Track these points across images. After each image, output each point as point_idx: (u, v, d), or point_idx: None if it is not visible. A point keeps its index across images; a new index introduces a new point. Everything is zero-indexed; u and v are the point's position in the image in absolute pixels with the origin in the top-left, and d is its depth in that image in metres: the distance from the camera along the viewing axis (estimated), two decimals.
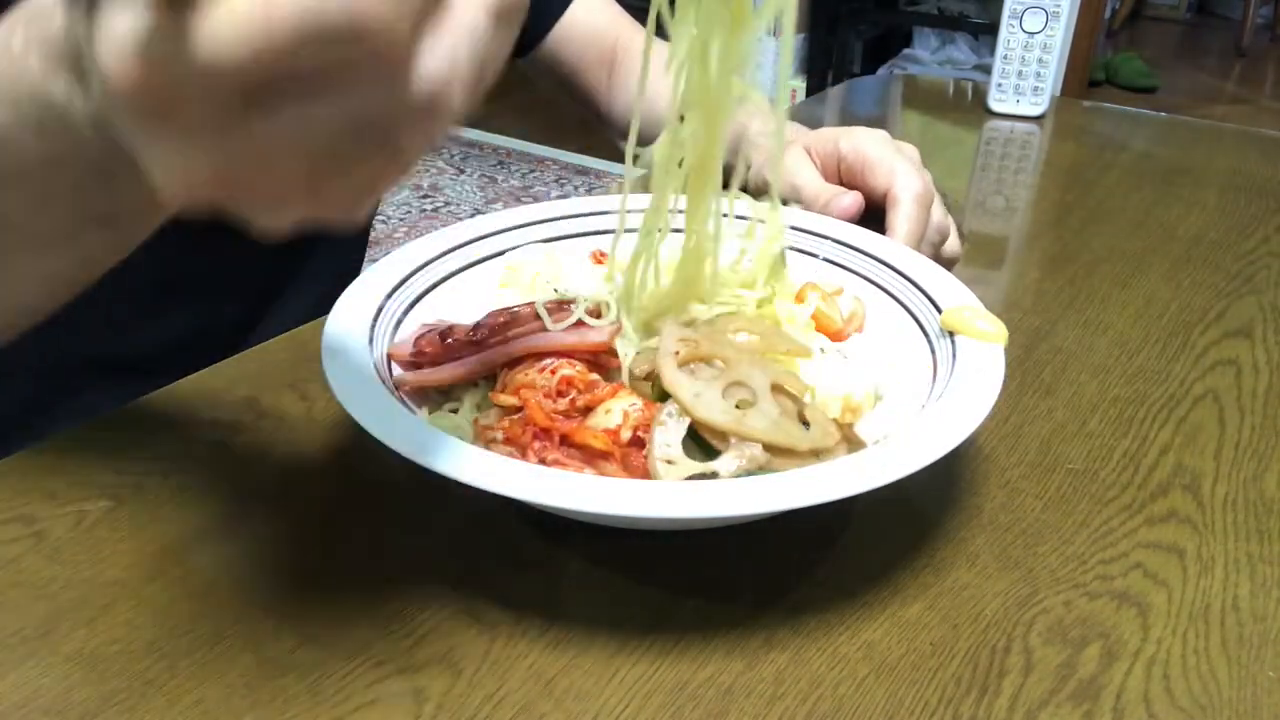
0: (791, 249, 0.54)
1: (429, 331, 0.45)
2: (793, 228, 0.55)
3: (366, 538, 0.40)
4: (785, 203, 0.61)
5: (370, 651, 0.35)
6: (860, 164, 0.59)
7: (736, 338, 0.43)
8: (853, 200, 0.57)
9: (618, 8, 0.84)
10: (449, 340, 0.44)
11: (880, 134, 0.60)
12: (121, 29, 0.22)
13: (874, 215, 0.57)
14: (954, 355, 0.42)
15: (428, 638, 0.36)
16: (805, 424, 0.40)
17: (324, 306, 0.45)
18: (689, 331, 0.42)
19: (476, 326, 0.44)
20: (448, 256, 0.50)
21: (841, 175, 0.60)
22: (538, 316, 0.44)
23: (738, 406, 0.39)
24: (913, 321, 0.47)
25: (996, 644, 0.36)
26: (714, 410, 0.38)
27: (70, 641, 0.35)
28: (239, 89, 0.23)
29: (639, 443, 0.39)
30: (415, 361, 0.44)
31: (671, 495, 0.33)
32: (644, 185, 0.47)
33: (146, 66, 0.22)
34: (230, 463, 0.44)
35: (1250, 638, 0.37)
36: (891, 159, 0.57)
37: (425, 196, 2.62)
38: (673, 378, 0.39)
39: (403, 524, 0.41)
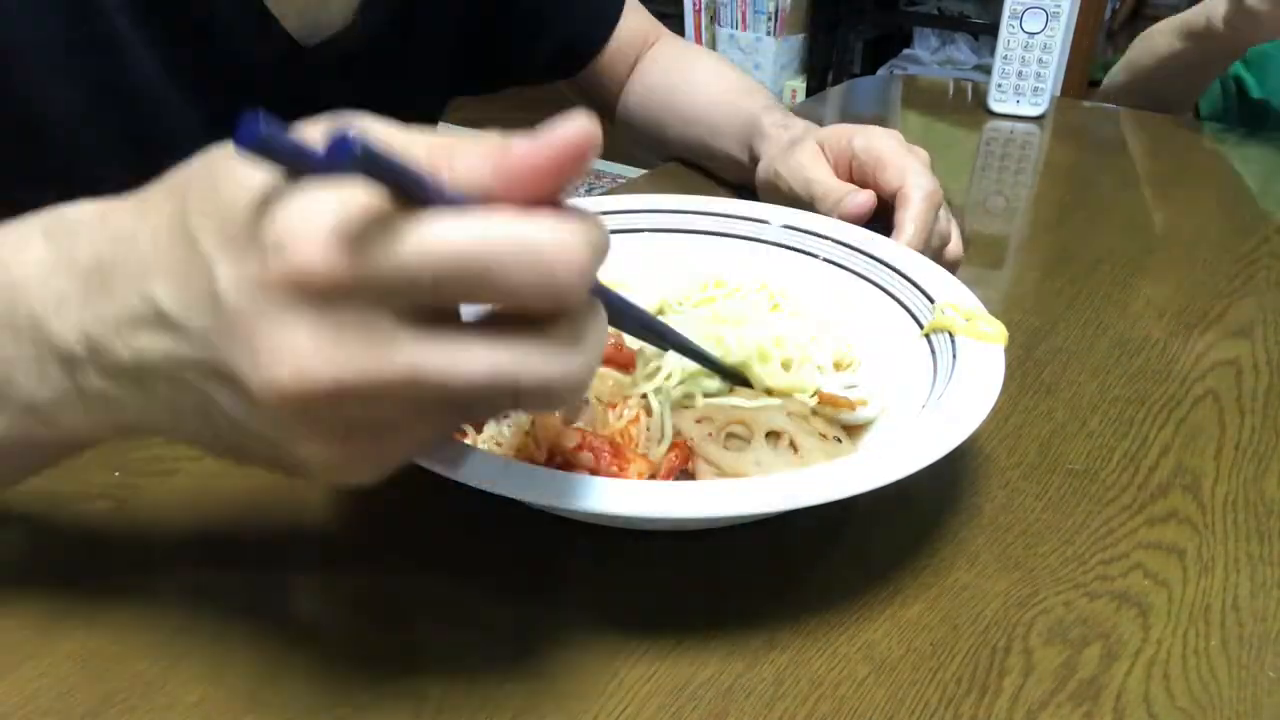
0: (792, 249, 0.55)
1: None
2: (793, 228, 0.55)
3: (366, 538, 0.40)
4: (797, 198, 0.61)
5: (370, 651, 0.35)
6: (873, 163, 0.58)
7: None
8: (867, 198, 0.57)
9: (642, 9, 0.84)
10: None
11: (894, 134, 0.60)
12: (325, 203, 0.22)
13: (880, 215, 0.57)
14: (954, 355, 0.42)
15: (429, 638, 0.36)
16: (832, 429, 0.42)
17: None
18: (697, 412, 0.43)
19: None
20: None
21: (853, 173, 0.60)
22: None
23: (791, 447, 0.41)
24: (913, 321, 0.47)
25: (997, 644, 0.36)
26: (779, 467, 0.40)
27: (70, 641, 0.35)
28: (407, 301, 0.23)
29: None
30: None
31: (672, 495, 0.33)
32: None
33: (339, 242, 0.22)
34: (230, 463, 0.44)
35: (1250, 638, 0.37)
36: (905, 159, 0.57)
37: None
38: (725, 461, 0.40)
39: (402, 524, 0.41)
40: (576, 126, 0.23)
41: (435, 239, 0.23)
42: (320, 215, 0.22)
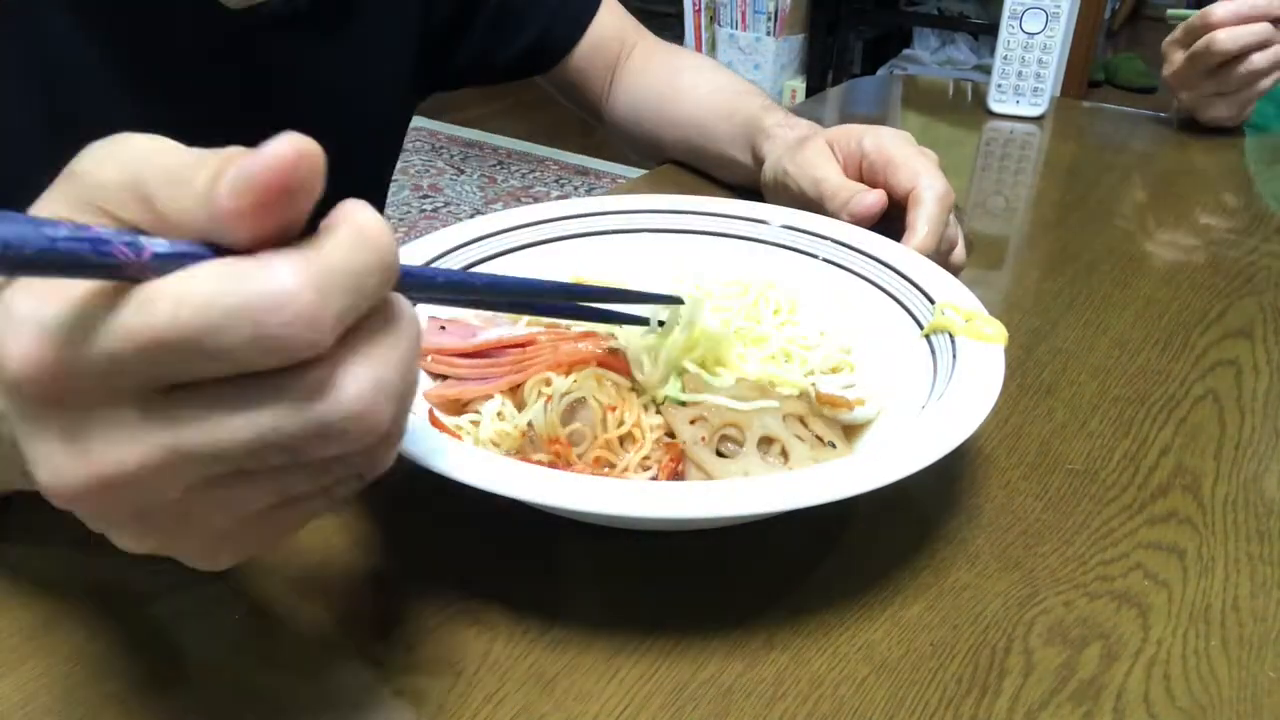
0: (792, 249, 0.55)
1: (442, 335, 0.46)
2: (792, 228, 0.55)
3: (366, 538, 0.40)
4: (805, 196, 0.61)
5: (370, 651, 0.35)
6: (884, 163, 0.58)
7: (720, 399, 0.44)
8: (877, 198, 0.56)
9: (621, 10, 0.84)
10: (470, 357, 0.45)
11: (905, 135, 0.59)
12: (25, 310, 0.21)
13: (888, 216, 0.57)
14: (954, 356, 0.42)
15: (428, 638, 0.36)
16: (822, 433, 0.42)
17: None
18: (693, 411, 0.43)
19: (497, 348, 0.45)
20: (448, 257, 0.51)
21: (863, 173, 0.60)
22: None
23: (782, 454, 0.41)
24: (913, 322, 0.47)
25: (997, 644, 0.36)
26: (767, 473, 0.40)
27: (70, 641, 0.35)
28: (138, 384, 0.22)
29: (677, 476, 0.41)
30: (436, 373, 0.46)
31: (672, 495, 0.33)
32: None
33: (47, 348, 0.21)
34: None
35: (1250, 638, 0.37)
36: (917, 160, 0.57)
37: (425, 196, 2.62)
38: (714, 468, 0.40)
39: (403, 524, 0.41)
40: (285, 148, 0.21)
41: (133, 323, 0.21)
42: (22, 320, 0.21)
